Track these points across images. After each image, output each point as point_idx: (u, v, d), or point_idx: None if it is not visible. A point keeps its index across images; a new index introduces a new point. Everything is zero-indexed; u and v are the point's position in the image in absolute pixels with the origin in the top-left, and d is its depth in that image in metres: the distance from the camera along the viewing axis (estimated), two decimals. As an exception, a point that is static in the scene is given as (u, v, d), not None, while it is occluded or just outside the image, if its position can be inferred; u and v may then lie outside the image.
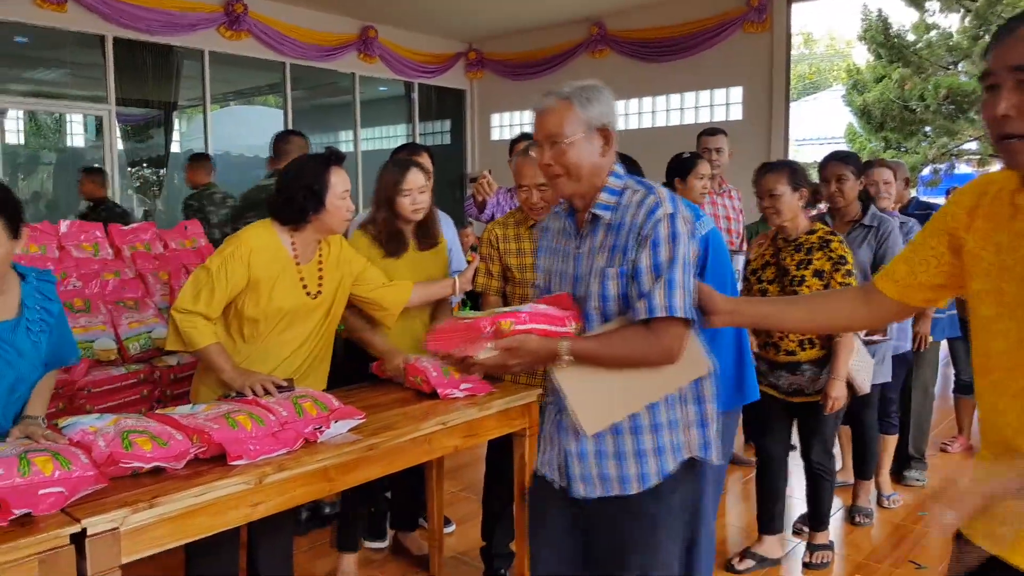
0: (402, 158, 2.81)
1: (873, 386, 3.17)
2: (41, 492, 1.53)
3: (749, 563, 3.11)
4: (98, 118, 8.27)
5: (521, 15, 9.58)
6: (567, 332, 1.66)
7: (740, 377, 2.56)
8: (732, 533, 3.50)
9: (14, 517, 1.47)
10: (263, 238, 2.27)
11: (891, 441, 3.77)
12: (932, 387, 4.05)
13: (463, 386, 2.37)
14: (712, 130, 4.15)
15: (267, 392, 2.11)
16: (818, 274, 2.77)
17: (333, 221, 2.30)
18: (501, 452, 2.73)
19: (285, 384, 2.17)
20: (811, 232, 2.85)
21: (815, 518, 3.17)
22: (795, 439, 3.20)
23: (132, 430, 1.79)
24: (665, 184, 3.39)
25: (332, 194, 2.25)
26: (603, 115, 1.73)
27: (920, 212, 4.06)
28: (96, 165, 6.65)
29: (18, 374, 1.89)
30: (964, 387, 4.42)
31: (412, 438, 2.13)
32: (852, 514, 3.58)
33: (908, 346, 3.64)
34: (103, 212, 6.03)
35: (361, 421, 2.08)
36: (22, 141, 11.21)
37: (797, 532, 3.44)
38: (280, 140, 4.05)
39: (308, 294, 2.33)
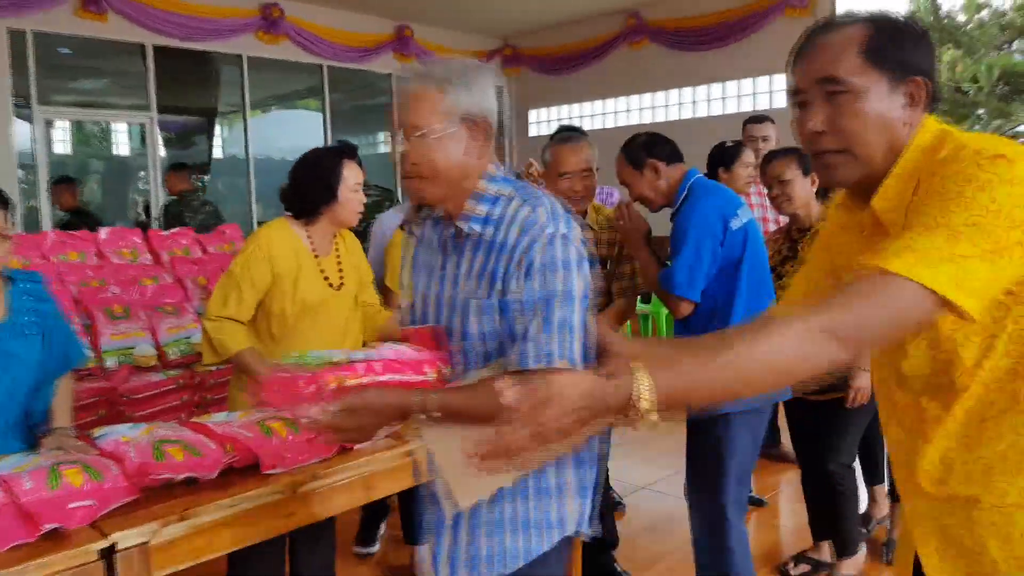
0: None
1: None
2: (71, 506, 1.49)
3: (804, 568, 2.96)
4: (141, 126, 8.40)
5: (556, 9, 9.47)
6: (425, 381, 1.33)
7: None
8: (785, 535, 3.35)
9: (44, 532, 1.43)
10: (280, 233, 2.27)
11: None
12: None
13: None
14: (758, 117, 3.97)
15: None
16: None
17: (345, 213, 2.29)
18: None
19: None
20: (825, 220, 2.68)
21: (839, 542, 2.81)
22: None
23: (165, 439, 1.75)
24: (708, 175, 3.25)
25: (344, 186, 2.26)
26: (475, 104, 1.36)
27: None
28: (68, 175, 6.83)
29: (14, 377, 1.86)
30: None
31: (451, 443, 2.05)
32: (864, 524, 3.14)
33: None
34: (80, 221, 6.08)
35: (396, 427, 2.01)
36: (70, 151, 11.48)
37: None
38: None
39: (331, 286, 2.32)
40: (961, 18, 11.30)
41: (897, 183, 1.05)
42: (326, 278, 2.31)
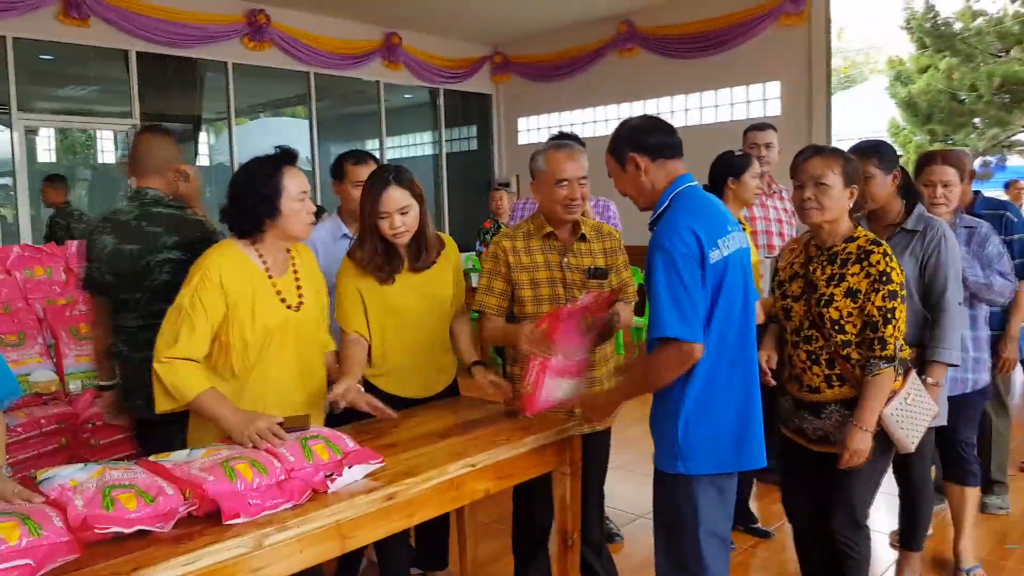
0: (377, 174, 2.42)
1: (928, 429, 2.47)
2: (3, 566, 1.32)
3: None
4: (125, 133, 8.22)
5: (546, 16, 9.35)
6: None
7: (742, 433, 1.98)
8: (792, 570, 3.18)
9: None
10: (229, 257, 2.05)
11: (970, 495, 2.89)
12: (1007, 395, 3.58)
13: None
14: (761, 125, 3.77)
15: (276, 435, 1.86)
16: (851, 294, 2.13)
17: (292, 227, 2.08)
18: (527, 489, 2.48)
19: (298, 425, 1.94)
20: (851, 239, 2.21)
21: None
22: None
23: (116, 484, 1.57)
24: (712, 184, 3.10)
25: (287, 197, 2.04)
26: None
27: (990, 212, 3.26)
28: (58, 174, 6.82)
29: None
30: None
31: (437, 484, 1.89)
32: None
33: (986, 379, 2.86)
34: (65, 217, 6.36)
35: (380, 466, 1.85)
36: (54, 159, 11.28)
37: None
38: None
39: (289, 307, 2.12)
40: (958, 25, 11.26)
41: None
42: (283, 299, 2.11)
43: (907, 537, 2.80)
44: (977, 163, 11.47)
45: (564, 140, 2.64)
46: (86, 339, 2.92)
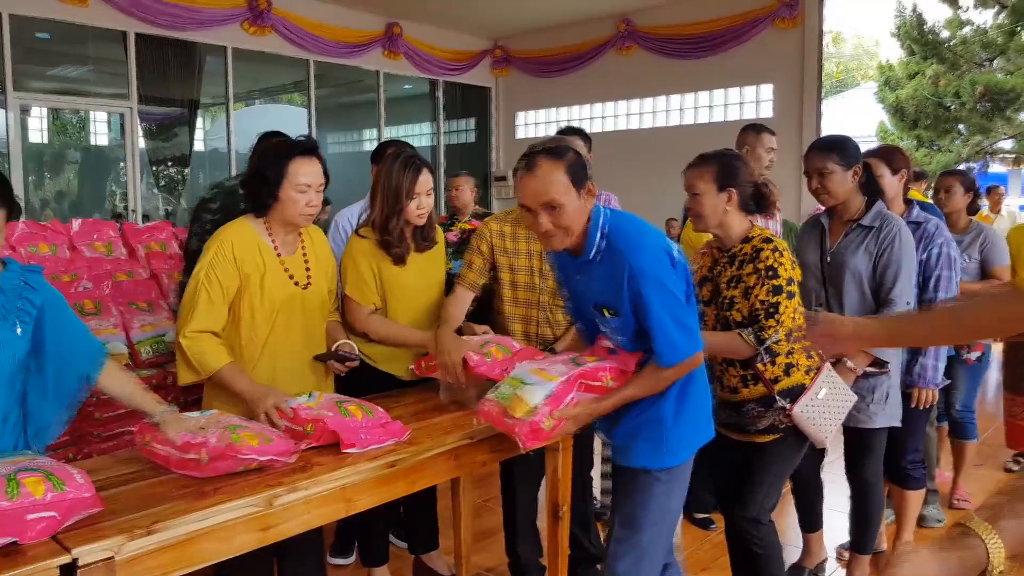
0: (411, 157, 2.50)
1: (880, 430, 2.61)
2: (30, 517, 1.39)
3: None
4: (121, 116, 8.23)
5: (547, 11, 9.41)
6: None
7: (708, 407, 2.08)
8: None
9: (-2, 545, 1.33)
10: (242, 234, 2.15)
11: (914, 498, 2.88)
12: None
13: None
14: (758, 127, 3.63)
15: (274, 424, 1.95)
16: (747, 294, 2.18)
17: (288, 213, 2.14)
18: (510, 463, 2.57)
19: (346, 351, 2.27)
20: (746, 240, 2.25)
21: None
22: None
23: (237, 425, 1.78)
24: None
25: (288, 184, 2.11)
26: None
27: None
28: None
29: None
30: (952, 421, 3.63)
31: (436, 453, 1.98)
32: None
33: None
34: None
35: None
36: (46, 140, 11.24)
37: None
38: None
39: (297, 284, 2.21)
40: (945, 34, 11.42)
41: None
42: (291, 277, 2.20)
43: (857, 540, 2.78)
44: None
45: (561, 137, 2.72)
46: (91, 315, 2.97)
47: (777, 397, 2.21)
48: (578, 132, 3.12)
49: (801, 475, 2.81)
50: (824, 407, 2.24)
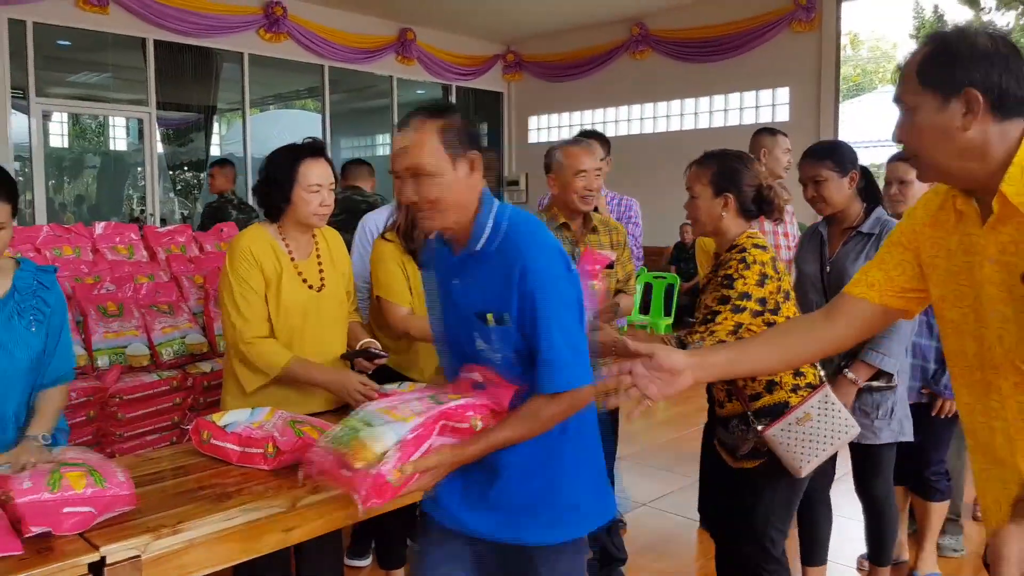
0: None
1: (886, 446, 2.50)
2: (67, 510, 1.42)
3: None
4: (139, 121, 8.32)
5: (560, 16, 9.44)
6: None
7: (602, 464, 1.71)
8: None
9: (31, 535, 1.36)
10: (257, 238, 2.22)
11: (937, 510, 2.82)
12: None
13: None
14: (771, 129, 3.56)
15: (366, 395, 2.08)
16: (724, 301, 2.03)
17: (301, 214, 2.19)
18: None
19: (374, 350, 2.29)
20: (733, 247, 2.12)
21: None
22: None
23: (296, 420, 1.83)
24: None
25: (299, 186, 2.16)
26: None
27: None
28: (226, 159, 6.60)
29: (10, 361, 1.77)
30: None
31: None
32: None
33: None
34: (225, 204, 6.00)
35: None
36: (66, 144, 11.39)
37: None
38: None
39: (311, 287, 2.26)
40: (964, 37, 11.36)
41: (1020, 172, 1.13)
42: (304, 280, 2.24)
43: (874, 553, 2.71)
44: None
45: (585, 138, 2.80)
46: (113, 317, 3.01)
47: (750, 415, 2.04)
48: (598, 136, 3.15)
49: (804, 498, 2.51)
50: (806, 435, 2.00)
